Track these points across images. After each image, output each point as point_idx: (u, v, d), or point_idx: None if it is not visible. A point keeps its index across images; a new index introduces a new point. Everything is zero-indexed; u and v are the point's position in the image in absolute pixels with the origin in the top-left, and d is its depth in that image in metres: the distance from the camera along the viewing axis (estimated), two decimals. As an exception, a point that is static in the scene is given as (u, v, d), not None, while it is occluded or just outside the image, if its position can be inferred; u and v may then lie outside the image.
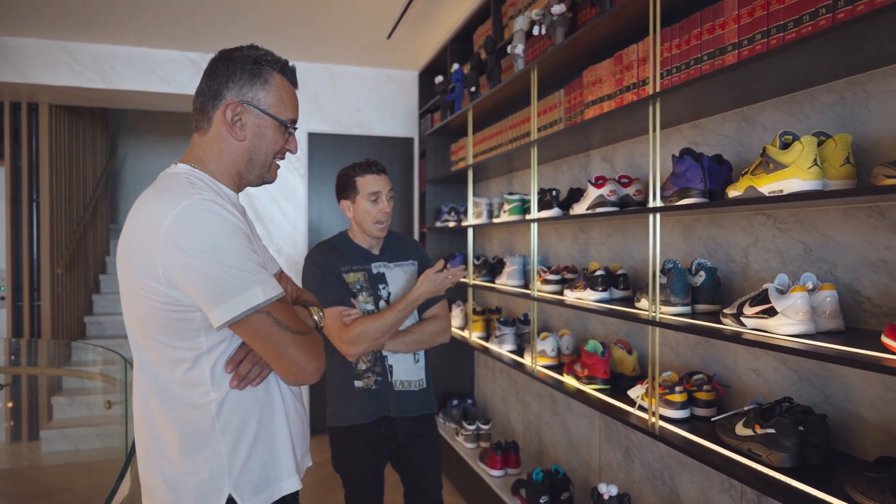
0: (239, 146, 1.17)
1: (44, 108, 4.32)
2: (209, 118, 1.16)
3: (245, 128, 1.16)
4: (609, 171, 2.39)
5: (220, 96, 1.14)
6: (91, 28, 3.62)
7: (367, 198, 1.95)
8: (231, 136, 1.15)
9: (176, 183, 1.09)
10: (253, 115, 1.16)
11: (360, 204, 1.96)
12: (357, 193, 1.97)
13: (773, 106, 1.64)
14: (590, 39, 2.12)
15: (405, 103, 4.54)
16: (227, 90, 1.14)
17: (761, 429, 1.41)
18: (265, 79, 1.16)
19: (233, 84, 1.14)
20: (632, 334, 2.25)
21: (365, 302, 1.97)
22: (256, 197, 4.24)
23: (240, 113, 1.15)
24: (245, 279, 1.03)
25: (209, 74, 1.16)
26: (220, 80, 1.14)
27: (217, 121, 1.15)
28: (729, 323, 1.51)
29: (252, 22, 3.48)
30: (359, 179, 1.97)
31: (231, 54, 1.16)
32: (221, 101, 1.14)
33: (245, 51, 1.17)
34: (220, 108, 1.14)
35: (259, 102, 1.16)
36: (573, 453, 2.68)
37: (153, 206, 1.05)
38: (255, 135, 1.17)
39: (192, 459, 1.09)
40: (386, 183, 1.99)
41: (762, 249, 1.68)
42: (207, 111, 1.16)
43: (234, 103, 1.14)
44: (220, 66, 1.15)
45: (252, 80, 1.15)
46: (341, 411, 1.97)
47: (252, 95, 1.15)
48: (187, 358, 1.08)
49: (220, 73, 1.14)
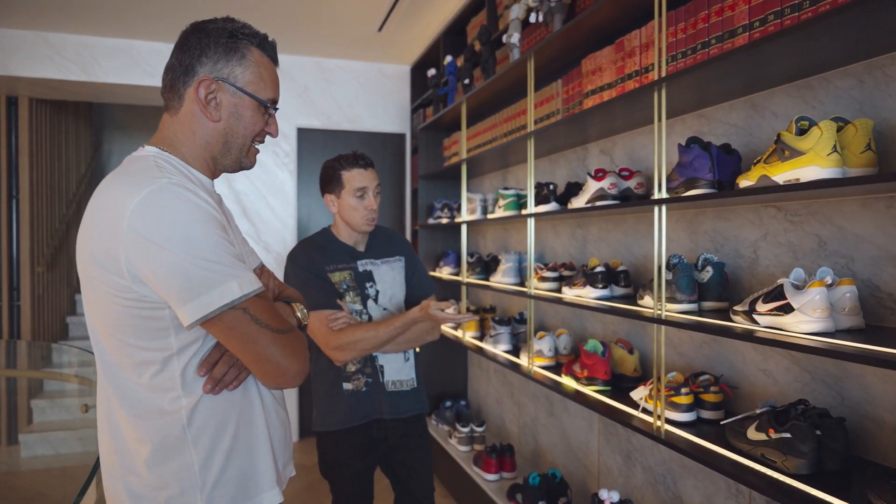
0: (213, 127, 1.07)
1: (23, 101, 4.19)
2: (180, 96, 1.06)
3: (220, 107, 1.06)
4: (608, 164, 2.30)
5: (191, 72, 1.04)
6: (73, 18, 3.49)
7: (353, 193, 1.86)
8: (204, 115, 1.05)
9: (142, 166, 0.99)
10: (229, 94, 1.06)
11: (346, 199, 1.87)
12: (342, 188, 1.88)
13: (784, 92, 1.56)
14: (590, 26, 2.03)
15: (397, 98, 4.44)
16: (199, 65, 1.04)
17: (776, 433, 1.32)
18: (242, 53, 1.06)
19: (206, 59, 1.04)
20: (633, 333, 2.16)
21: (352, 302, 1.88)
22: (244, 193, 4.13)
23: (214, 91, 1.05)
24: (219, 272, 0.93)
25: (180, 48, 1.06)
26: (191, 54, 1.04)
27: (189, 99, 1.05)
28: (740, 320, 1.42)
29: (238, 12, 3.37)
30: (344, 173, 1.87)
31: (204, 26, 1.06)
32: (193, 77, 1.04)
33: (220, 23, 1.07)
34: (191, 86, 1.04)
35: (235, 79, 1.06)
36: (571, 457, 2.59)
37: (115, 192, 0.95)
38: (232, 115, 1.07)
39: (160, 472, 0.99)
40: (373, 178, 1.90)
41: (772, 244, 1.59)
42: (178, 88, 1.06)
43: (207, 80, 1.04)
44: (191, 38, 1.04)
45: (228, 54, 1.05)
46: (329, 414, 1.87)
47: (228, 72, 1.05)
48: (155, 360, 0.98)
49: (191, 47, 1.04)
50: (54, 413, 4.16)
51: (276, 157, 4.18)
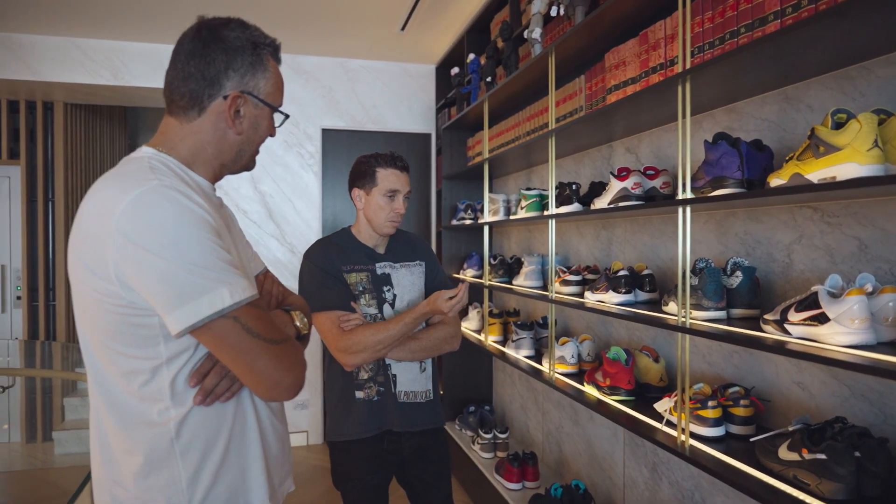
0: (234, 138, 1.05)
1: (59, 106, 4.28)
2: (201, 107, 1.02)
3: (244, 119, 1.04)
4: (634, 163, 2.20)
5: (217, 84, 1.01)
6: (102, 24, 3.55)
7: (384, 193, 1.81)
8: (230, 129, 1.04)
9: (135, 167, 0.96)
10: (251, 106, 1.05)
11: (374, 197, 1.82)
12: (374, 185, 1.83)
13: (820, 83, 1.44)
14: (613, 17, 1.94)
15: (422, 98, 4.39)
16: (226, 79, 1.01)
17: (809, 453, 1.22)
18: (265, 66, 1.05)
19: (233, 73, 1.02)
20: (659, 340, 2.06)
21: (367, 305, 1.81)
22: (269, 195, 4.14)
23: (240, 104, 1.03)
24: (209, 278, 0.89)
25: (202, 57, 1.00)
26: (217, 66, 1.01)
27: (212, 111, 1.02)
28: (771, 330, 1.32)
29: (263, 15, 3.37)
30: (380, 171, 1.82)
31: (224, 35, 1.01)
32: (220, 90, 1.01)
33: (237, 30, 1.03)
34: (217, 98, 1.01)
35: (259, 92, 1.05)
36: (595, 467, 2.49)
37: (105, 194, 0.92)
38: (251, 126, 1.07)
39: (147, 485, 0.95)
40: (406, 182, 1.86)
41: (808, 247, 1.48)
42: (200, 99, 1.01)
43: (239, 95, 1.02)
44: (214, 49, 1.00)
45: (254, 68, 1.04)
46: (340, 423, 1.81)
47: (253, 85, 1.04)
48: (144, 369, 0.94)
49: (216, 59, 1.00)
50: (86, 411, 4.24)
51: (300, 159, 4.18)
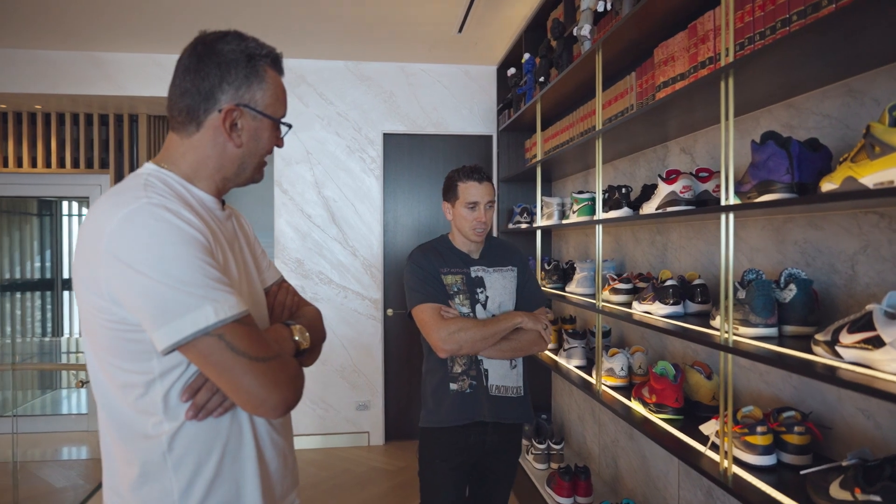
0: (234, 152, 1.05)
1: (142, 118, 4.58)
2: (199, 122, 1.03)
3: (242, 132, 1.04)
4: (688, 164, 2.05)
5: (212, 98, 1.02)
6: (177, 40, 3.76)
7: (465, 204, 1.93)
8: (229, 142, 1.04)
9: (130, 185, 0.98)
10: (249, 119, 1.05)
11: (458, 209, 1.95)
12: (457, 198, 1.95)
13: (889, 74, 1.27)
14: (661, 8, 1.82)
15: (483, 99, 4.33)
16: (220, 92, 1.02)
17: (863, 493, 1.07)
18: (261, 77, 1.05)
19: (227, 86, 1.02)
20: (714, 356, 1.91)
21: (461, 304, 1.92)
22: (332, 199, 4.22)
23: (236, 117, 1.03)
24: (194, 296, 0.89)
25: (196, 72, 1.02)
26: (211, 80, 1.01)
27: (209, 126, 1.03)
28: (821, 352, 1.17)
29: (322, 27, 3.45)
30: (461, 185, 1.95)
31: (218, 48, 1.02)
32: (215, 104, 1.02)
33: (232, 43, 1.04)
34: (213, 112, 1.02)
35: (256, 104, 1.04)
36: (650, 486, 2.35)
37: (99, 212, 0.94)
38: (251, 139, 1.06)
39: (140, 496, 0.97)
40: (486, 192, 1.94)
41: (874, 258, 1.31)
42: (197, 114, 1.03)
43: (233, 108, 1.02)
44: (208, 63, 1.01)
45: (249, 80, 1.03)
46: (434, 412, 1.93)
47: (249, 97, 1.04)
48: (138, 383, 0.96)
49: (210, 73, 1.01)
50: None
51: (362, 163, 4.24)
